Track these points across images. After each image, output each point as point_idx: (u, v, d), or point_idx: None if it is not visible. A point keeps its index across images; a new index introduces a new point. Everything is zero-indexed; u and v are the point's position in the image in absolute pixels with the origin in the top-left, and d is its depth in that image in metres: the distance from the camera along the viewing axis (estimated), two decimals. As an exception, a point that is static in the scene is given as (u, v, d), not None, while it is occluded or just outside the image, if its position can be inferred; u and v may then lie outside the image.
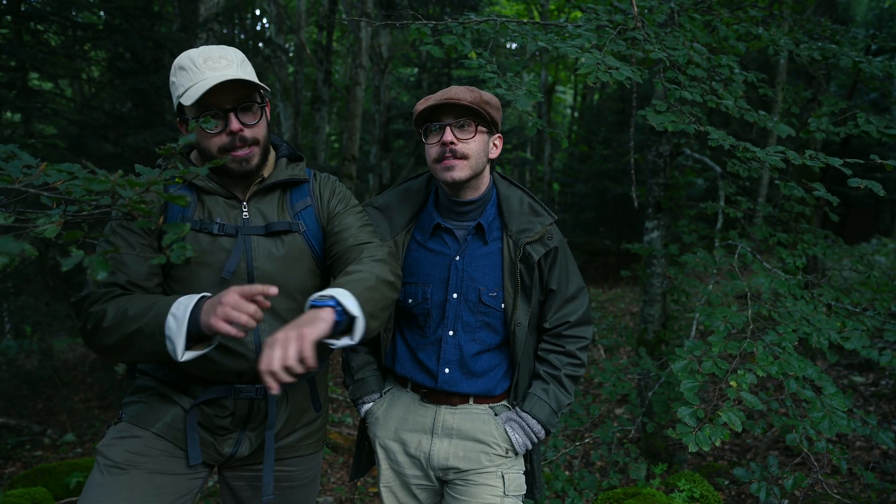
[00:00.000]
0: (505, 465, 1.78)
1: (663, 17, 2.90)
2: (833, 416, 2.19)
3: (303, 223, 1.65)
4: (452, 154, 1.67)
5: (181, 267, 1.53)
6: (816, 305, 2.84)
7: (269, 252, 1.59)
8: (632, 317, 9.95)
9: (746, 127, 10.67)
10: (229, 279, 1.53)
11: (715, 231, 4.73)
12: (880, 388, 5.49)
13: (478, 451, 1.76)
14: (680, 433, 2.06)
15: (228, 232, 1.56)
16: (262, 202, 1.63)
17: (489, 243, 1.77)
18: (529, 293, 1.75)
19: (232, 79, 1.47)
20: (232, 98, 1.51)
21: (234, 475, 1.73)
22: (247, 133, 1.53)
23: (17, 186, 0.97)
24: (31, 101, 5.72)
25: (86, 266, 0.89)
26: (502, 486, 1.75)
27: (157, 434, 1.58)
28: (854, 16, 14.34)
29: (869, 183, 2.12)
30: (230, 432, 1.63)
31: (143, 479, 1.52)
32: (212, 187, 1.58)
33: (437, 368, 1.76)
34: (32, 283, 5.69)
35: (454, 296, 1.75)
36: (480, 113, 1.66)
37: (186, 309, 1.35)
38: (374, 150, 12.02)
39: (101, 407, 6.42)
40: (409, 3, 10.58)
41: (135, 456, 1.54)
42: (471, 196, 1.77)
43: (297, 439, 1.74)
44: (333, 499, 4.41)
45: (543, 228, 1.76)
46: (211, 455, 1.63)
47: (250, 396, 1.60)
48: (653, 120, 2.40)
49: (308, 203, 1.68)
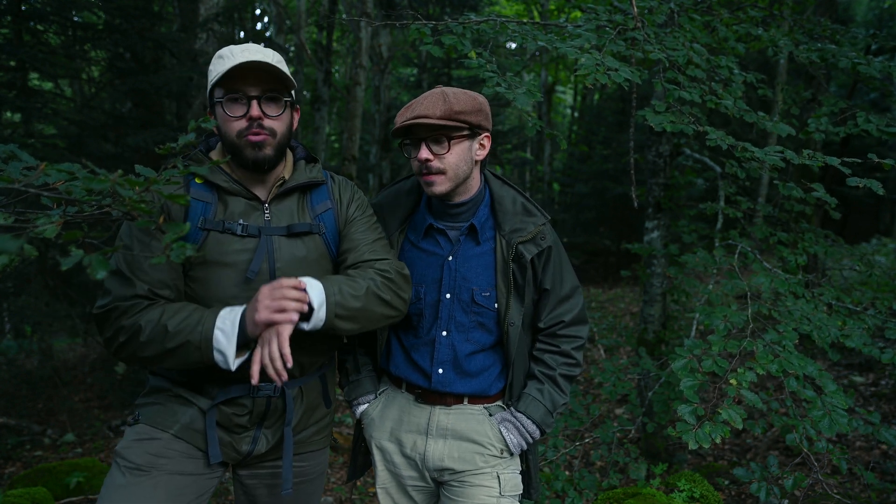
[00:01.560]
0: (500, 465, 1.77)
1: (663, 17, 2.90)
2: (833, 415, 2.18)
3: (323, 225, 1.68)
4: (428, 171, 1.67)
5: (202, 268, 1.55)
6: (817, 305, 2.84)
7: (291, 253, 1.61)
8: (632, 317, 9.95)
9: (746, 128, 10.68)
10: (254, 279, 1.55)
11: (715, 231, 4.73)
12: (880, 388, 5.49)
13: (472, 451, 1.76)
14: (680, 431, 2.06)
15: (251, 233, 1.58)
16: (282, 204, 1.65)
17: (482, 243, 1.76)
18: (522, 293, 1.75)
19: (260, 63, 1.50)
20: (259, 87, 1.54)
21: (248, 473, 1.75)
22: (266, 122, 1.55)
23: (17, 186, 0.97)
24: (31, 101, 5.72)
25: (85, 265, 0.89)
26: (498, 486, 1.75)
27: (176, 436, 1.59)
28: (854, 16, 14.34)
29: (868, 182, 2.12)
30: (247, 430, 1.65)
31: (164, 481, 1.54)
32: (234, 188, 1.60)
33: (431, 369, 1.76)
34: (32, 283, 5.69)
35: (447, 296, 1.75)
36: (453, 125, 1.64)
37: (234, 324, 1.43)
38: (374, 150, 12.02)
39: (101, 407, 6.42)
40: (409, 3, 10.58)
41: (155, 458, 1.55)
42: (461, 199, 1.76)
43: (309, 435, 1.77)
44: (333, 499, 4.41)
45: (536, 228, 1.75)
46: (228, 454, 1.65)
47: (268, 394, 1.62)
48: (652, 120, 2.40)
49: (328, 206, 1.71)
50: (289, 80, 1.58)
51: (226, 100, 1.55)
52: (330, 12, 10.75)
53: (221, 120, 1.57)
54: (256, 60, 1.50)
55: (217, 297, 1.55)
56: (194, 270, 1.56)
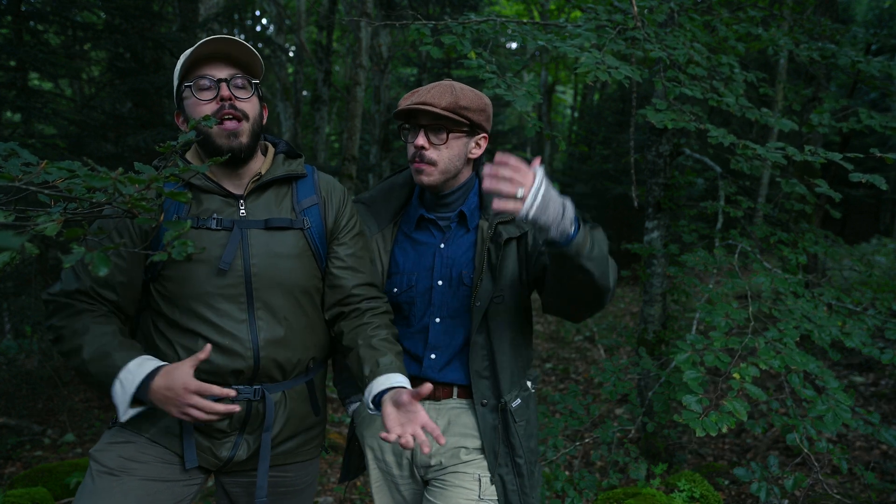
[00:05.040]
0: (483, 462, 1.73)
1: (663, 17, 2.90)
2: (837, 409, 2.18)
3: (308, 220, 1.63)
4: (421, 159, 1.67)
5: (175, 266, 1.52)
6: (817, 304, 2.84)
7: (267, 247, 1.56)
8: (632, 317, 9.94)
9: (746, 127, 10.69)
10: (226, 272, 1.52)
11: (715, 231, 4.72)
12: (880, 388, 5.49)
13: (457, 444, 1.73)
14: (686, 419, 2.04)
15: (226, 226, 1.54)
16: (260, 199, 1.60)
17: (471, 230, 1.76)
18: (497, 273, 1.69)
19: (225, 42, 1.49)
20: (226, 70, 1.53)
21: (231, 481, 1.70)
22: (237, 104, 1.52)
23: (18, 184, 0.97)
24: (31, 101, 5.71)
25: (87, 262, 0.89)
26: (478, 489, 1.71)
27: (152, 440, 1.55)
28: (854, 16, 14.33)
29: (870, 177, 2.12)
30: (228, 435, 1.59)
31: (135, 486, 1.49)
32: (209, 185, 1.56)
33: (424, 353, 1.75)
34: (32, 283, 5.68)
35: (439, 283, 1.74)
36: (455, 119, 1.64)
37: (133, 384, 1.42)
38: (374, 150, 12.02)
39: (101, 407, 6.41)
40: (409, 3, 10.58)
41: (128, 462, 1.50)
42: (449, 188, 1.76)
43: (295, 445, 1.70)
44: (333, 499, 4.41)
45: None
46: (208, 459, 1.60)
47: (248, 398, 1.56)
48: (653, 118, 2.40)
49: (314, 201, 1.66)
50: (256, 64, 1.56)
51: (194, 85, 1.52)
52: (330, 12, 10.74)
53: (191, 108, 1.54)
54: (222, 42, 1.49)
55: (192, 293, 1.52)
56: (168, 269, 1.53)
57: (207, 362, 1.51)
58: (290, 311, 1.59)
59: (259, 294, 1.55)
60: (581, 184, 15.14)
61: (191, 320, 1.52)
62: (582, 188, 14.98)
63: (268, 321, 1.56)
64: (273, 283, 1.56)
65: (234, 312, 1.54)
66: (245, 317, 1.54)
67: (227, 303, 1.53)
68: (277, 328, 1.57)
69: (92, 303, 1.53)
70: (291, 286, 1.59)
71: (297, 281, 1.60)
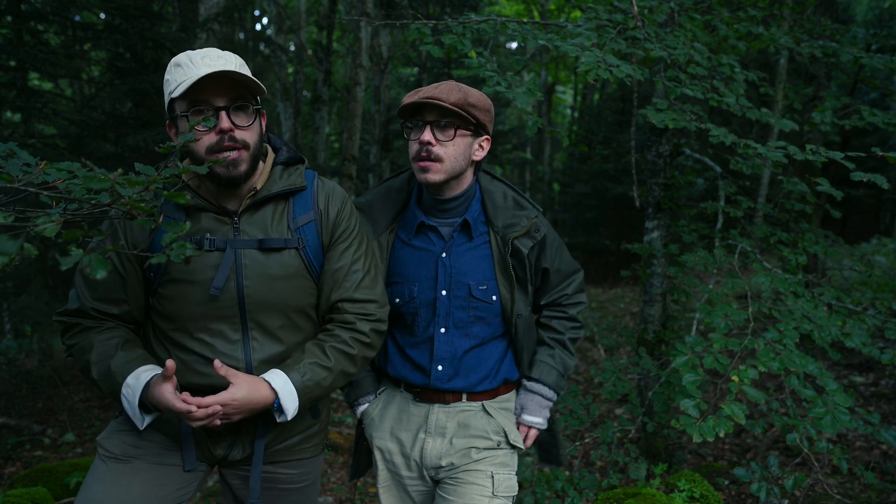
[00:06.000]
0: (495, 462, 1.76)
1: (663, 16, 2.90)
2: (836, 412, 2.18)
3: (304, 238, 1.57)
4: (427, 155, 1.64)
5: (170, 286, 1.50)
6: (817, 304, 2.84)
7: (261, 269, 1.52)
8: (632, 317, 9.94)
9: (746, 127, 10.69)
10: (219, 296, 1.49)
11: (715, 231, 4.72)
12: (880, 388, 5.49)
13: (468, 445, 1.75)
14: (684, 424, 2.05)
15: (219, 247, 1.49)
16: (256, 216, 1.54)
17: (475, 238, 1.76)
18: (525, 285, 1.77)
19: (227, 73, 1.40)
20: (226, 96, 1.45)
21: (231, 473, 1.72)
22: (237, 134, 1.45)
23: (17, 185, 0.96)
24: (31, 101, 5.71)
25: (85, 265, 0.89)
26: (491, 486, 1.73)
27: (155, 429, 1.58)
28: (854, 16, 14.32)
29: (872, 176, 2.12)
30: (223, 437, 1.61)
31: (143, 470, 1.53)
32: (201, 203, 1.50)
33: (431, 366, 1.75)
34: (32, 283, 5.68)
35: (443, 293, 1.73)
36: (463, 115, 1.63)
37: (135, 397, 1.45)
38: (374, 150, 12.01)
39: (101, 407, 6.42)
40: (409, 3, 10.58)
41: (133, 449, 1.55)
42: (452, 193, 1.74)
43: (294, 443, 1.69)
44: (333, 499, 4.41)
45: (530, 222, 1.74)
46: (205, 454, 1.62)
47: None
48: (653, 118, 2.40)
49: (311, 217, 1.59)
50: (256, 85, 1.47)
51: (191, 113, 1.44)
52: (330, 12, 10.74)
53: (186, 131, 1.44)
54: (221, 70, 1.40)
55: (185, 315, 1.50)
56: (163, 288, 1.51)
57: (202, 376, 1.51)
58: (285, 329, 1.58)
59: (252, 315, 1.53)
60: (581, 184, 15.15)
61: (185, 338, 1.53)
62: (582, 188, 14.98)
63: (262, 341, 1.55)
64: (267, 304, 1.54)
65: (227, 333, 1.53)
66: (238, 337, 1.54)
67: (220, 323, 1.52)
68: (271, 347, 1.56)
69: (96, 319, 1.54)
70: (286, 307, 1.57)
71: (291, 301, 1.57)
